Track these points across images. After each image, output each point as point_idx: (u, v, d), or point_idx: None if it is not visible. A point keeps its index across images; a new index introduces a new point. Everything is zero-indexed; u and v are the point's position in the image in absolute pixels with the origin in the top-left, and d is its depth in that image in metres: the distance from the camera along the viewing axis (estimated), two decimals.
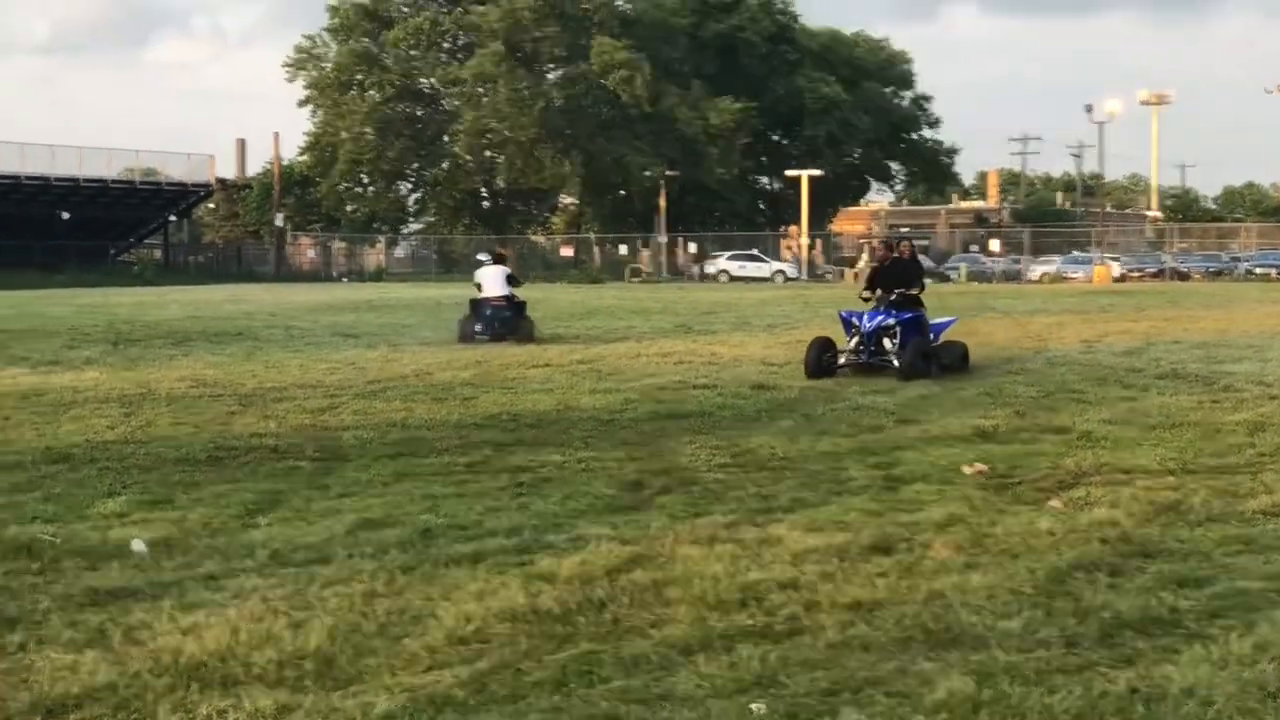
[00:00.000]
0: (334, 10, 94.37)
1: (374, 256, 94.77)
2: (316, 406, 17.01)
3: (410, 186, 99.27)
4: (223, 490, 11.33)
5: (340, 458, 13.05)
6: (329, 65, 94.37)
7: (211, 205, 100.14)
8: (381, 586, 8.13)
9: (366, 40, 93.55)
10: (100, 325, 33.08)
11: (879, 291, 21.69)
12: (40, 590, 8.11)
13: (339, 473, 12.22)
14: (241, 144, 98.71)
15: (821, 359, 20.42)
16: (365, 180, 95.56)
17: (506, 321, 28.40)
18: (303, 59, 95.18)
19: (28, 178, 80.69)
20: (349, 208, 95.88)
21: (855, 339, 21.03)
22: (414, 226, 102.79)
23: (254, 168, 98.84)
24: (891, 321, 20.91)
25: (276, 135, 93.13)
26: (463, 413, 16.45)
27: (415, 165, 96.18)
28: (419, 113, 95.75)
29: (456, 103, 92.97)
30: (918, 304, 21.55)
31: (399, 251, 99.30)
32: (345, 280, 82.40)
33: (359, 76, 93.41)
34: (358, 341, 28.24)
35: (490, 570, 8.52)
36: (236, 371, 21.57)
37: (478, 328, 28.27)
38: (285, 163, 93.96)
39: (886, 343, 20.81)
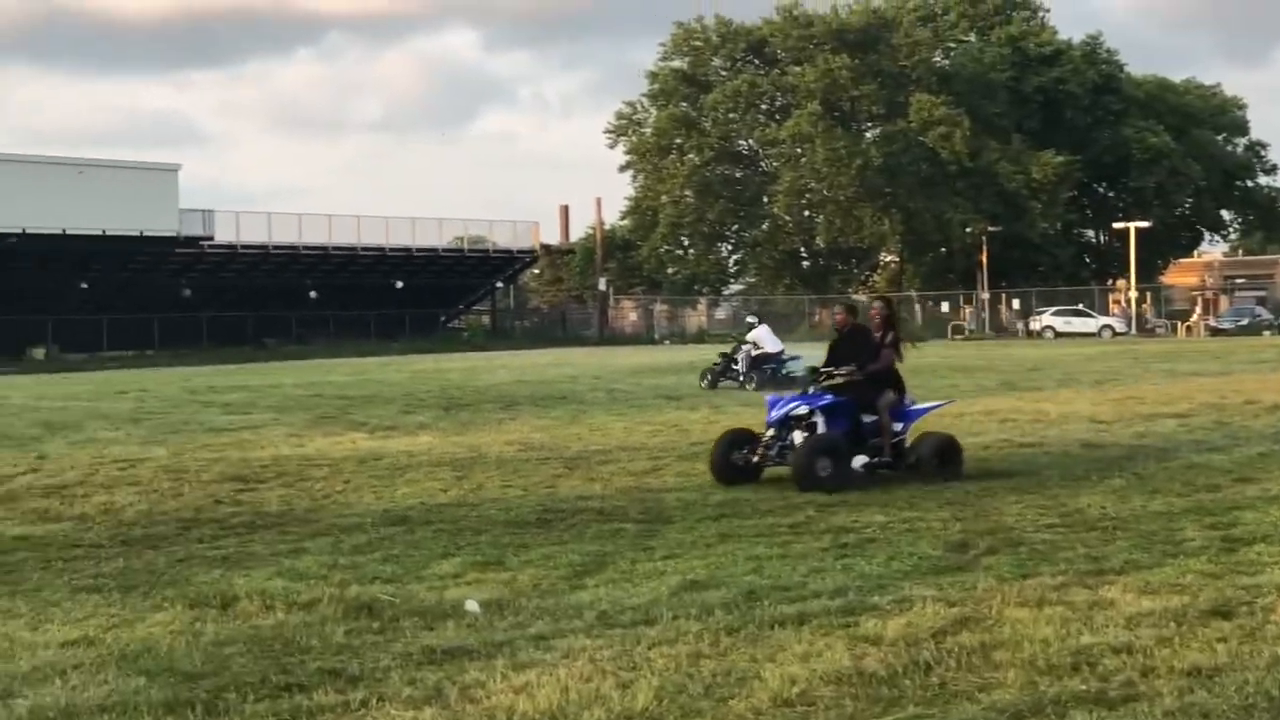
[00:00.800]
0: (653, 76, 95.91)
1: (695, 318, 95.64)
2: (640, 469, 17.22)
3: (730, 248, 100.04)
4: (551, 551, 11.54)
5: (664, 520, 13.17)
6: (649, 130, 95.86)
7: (537, 271, 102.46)
8: (707, 647, 8.17)
9: (685, 105, 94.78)
10: (433, 390, 34.08)
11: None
12: (380, 648, 8.37)
13: (663, 534, 12.34)
14: (565, 210, 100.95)
15: (730, 457, 15.86)
16: (686, 243, 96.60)
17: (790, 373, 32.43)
18: (623, 125, 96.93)
19: (364, 249, 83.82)
20: (670, 270, 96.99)
21: (769, 432, 16.13)
22: (735, 287, 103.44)
23: (577, 233, 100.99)
24: (804, 409, 15.96)
25: (599, 201, 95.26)
26: (785, 474, 16.44)
27: (735, 226, 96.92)
28: (738, 174, 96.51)
29: (775, 163, 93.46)
30: (872, 385, 16.17)
31: (720, 313, 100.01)
32: (667, 342, 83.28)
33: (678, 140, 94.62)
34: (680, 403, 28.51)
35: (815, 631, 8.49)
36: (562, 434, 21.97)
37: (754, 379, 33.86)
38: (607, 227, 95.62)
39: (798, 436, 15.78)
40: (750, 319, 39.22)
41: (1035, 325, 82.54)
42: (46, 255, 71.65)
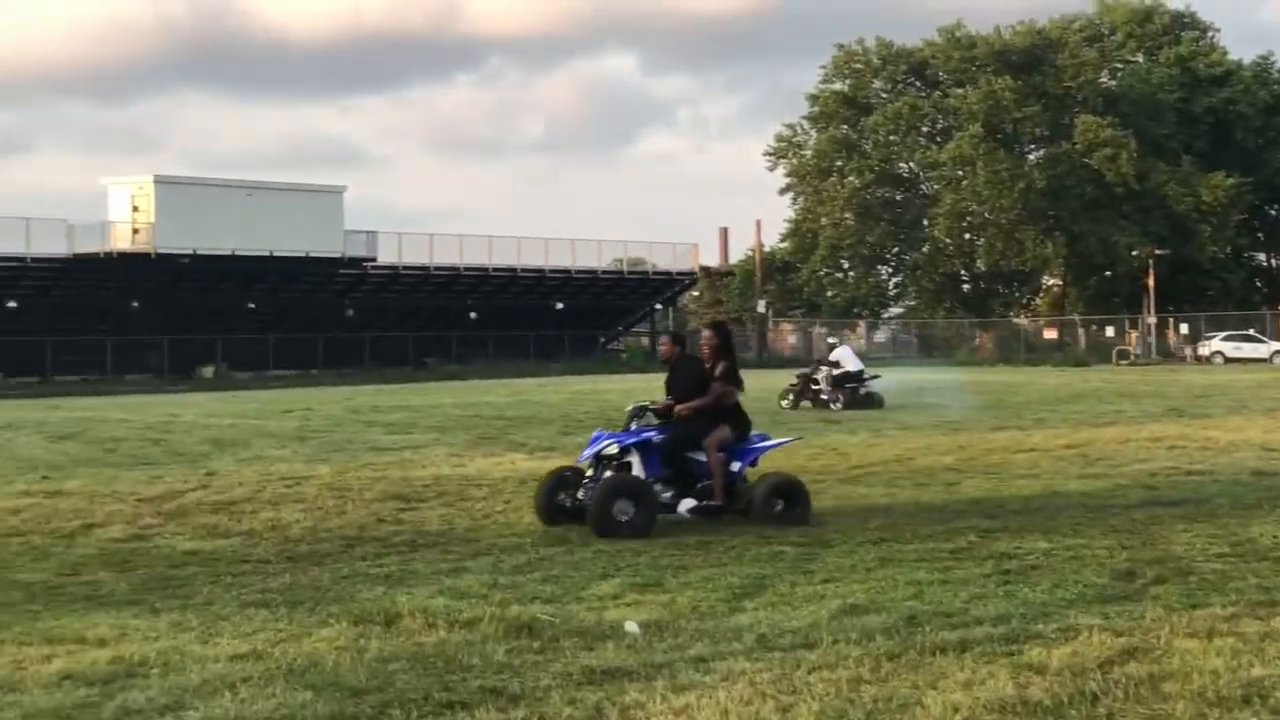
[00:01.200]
0: (814, 99, 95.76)
1: (854, 341, 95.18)
2: None
3: (890, 270, 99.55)
4: (710, 574, 11.53)
5: (823, 543, 13.10)
6: (809, 153, 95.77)
7: (696, 293, 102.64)
8: (867, 673, 8.11)
9: (846, 127, 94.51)
10: (591, 411, 34.26)
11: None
12: (541, 668, 8.42)
13: (822, 558, 12.28)
14: (724, 232, 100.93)
15: (555, 499, 14.61)
16: (845, 265, 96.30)
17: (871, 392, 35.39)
18: (783, 147, 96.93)
19: (524, 270, 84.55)
20: (829, 293, 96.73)
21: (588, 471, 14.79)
22: (894, 311, 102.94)
23: (736, 255, 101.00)
24: (615, 448, 14.46)
25: (758, 223, 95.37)
26: (946, 498, 16.32)
27: (895, 249, 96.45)
28: (898, 197, 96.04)
29: (936, 186, 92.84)
30: (702, 421, 14.58)
31: (879, 336, 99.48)
32: None
33: (839, 163, 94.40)
34: (839, 426, 28.38)
35: (977, 659, 8.39)
36: None
37: (839, 399, 34.85)
38: (766, 249, 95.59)
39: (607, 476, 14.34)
40: (831, 339, 41.43)
41: (1204, 350, 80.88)
42: (217, 276, 73.27)
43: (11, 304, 66.81)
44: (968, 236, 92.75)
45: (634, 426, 14.62)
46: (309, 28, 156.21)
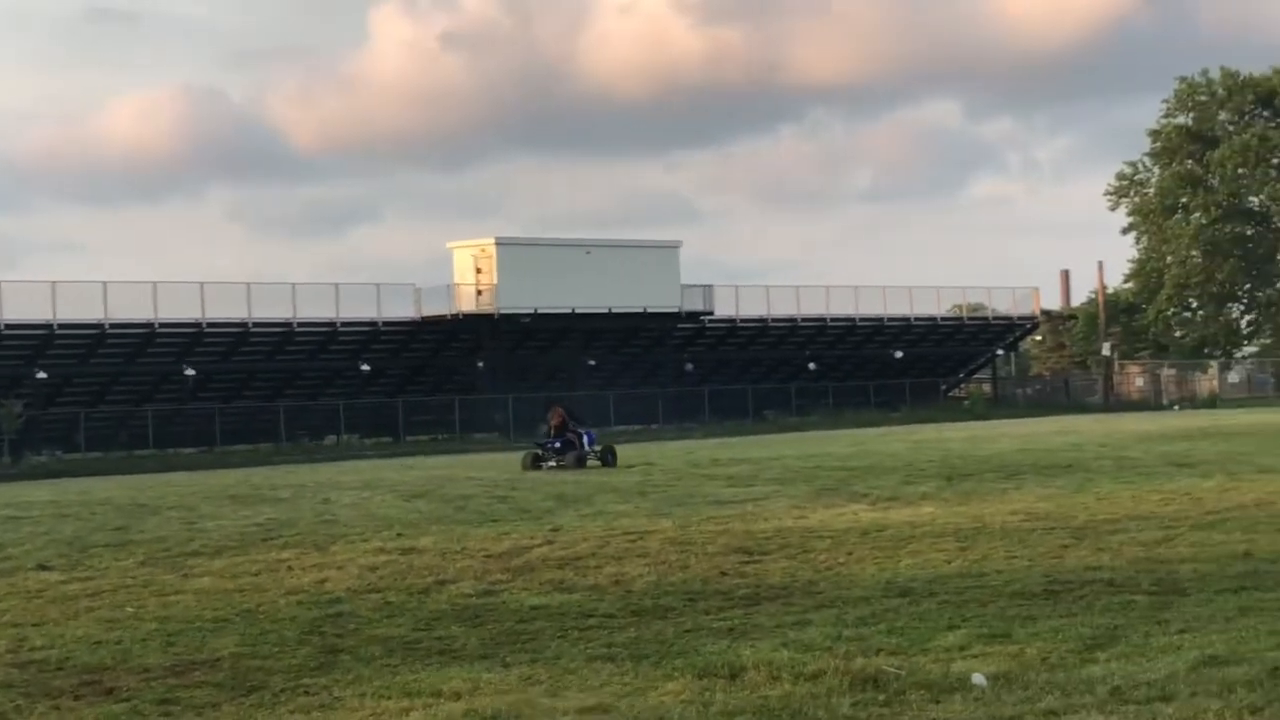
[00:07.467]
0: (1156, 135, 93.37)
1: (1206, 383, 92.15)
2: (1151, 539, 16.63)
3: (1242, 308, 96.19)
4: (1059, 624, 11.26)
5: (1178, 591, 12.68)
6: (1152, 190, 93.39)
7: (1038, 337, 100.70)
8: None
9: (1190, 162, 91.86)
10: (934, 460, 33.85)
11: None
12: None
13: (1177, 607, 11.88)
14: (1065, 275, 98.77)
15: None
16: (1194, 304, 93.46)
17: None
18: (1124, 186, 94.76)
19: (862, 319, 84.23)
20: (1177, 333, 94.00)
21: None
22: (1247, 350, 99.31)
23: (1078, 298, 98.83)
24: None
25: (1100, 264, 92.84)
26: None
27: (1246, 286, 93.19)
28: (1249, 232, 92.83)
29: None
30: None
31: (1233, 376, 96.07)
32: (1176, 408, 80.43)
33: (1183, 199, 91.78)
34: (1192, 471, 27.44)
35: None
36: (1068, 504, 21.45)
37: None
38: (1109, 291, 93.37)
39: None
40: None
41: None
42: (557, 334, 74.89)
43: (365, 367, 69.41)
44: None
45: None
46: (631, 87, 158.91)
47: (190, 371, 64.54)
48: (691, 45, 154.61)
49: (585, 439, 39.55)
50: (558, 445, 38.69)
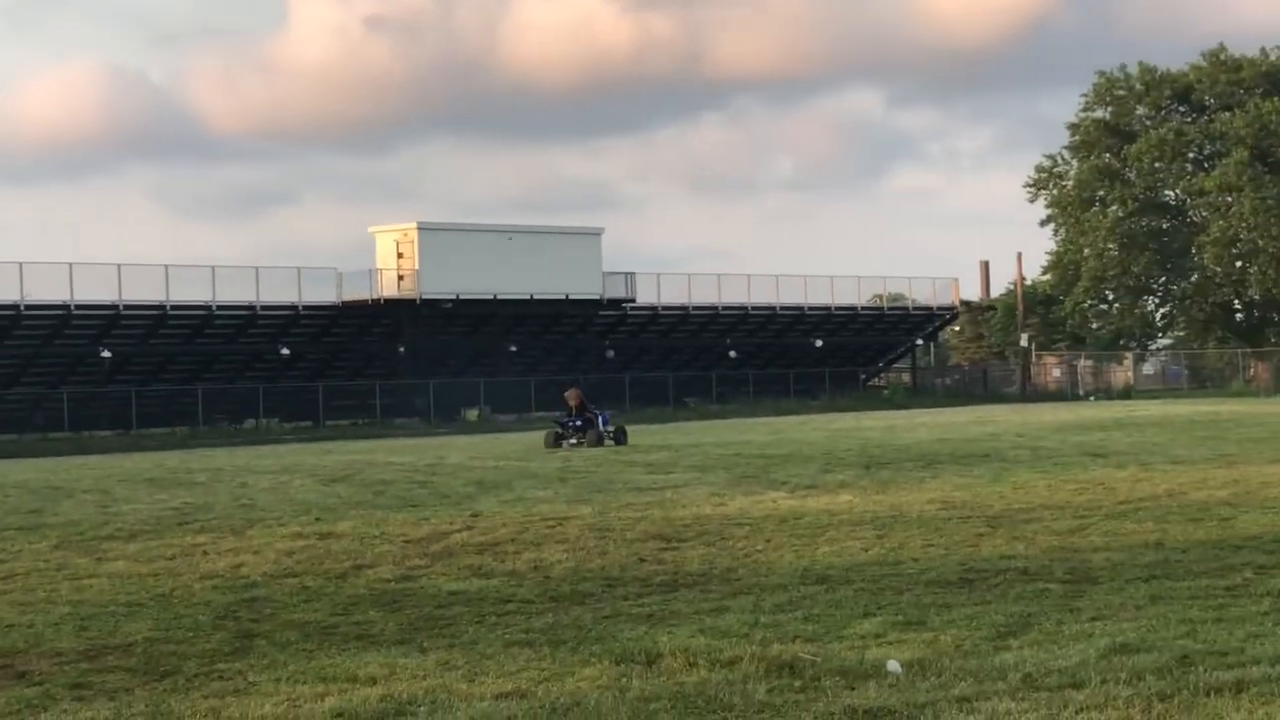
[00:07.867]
0: (1075, 128, 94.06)
1: (1121, 374, 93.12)
2: (1065, 528, 16.81)
3: (1157, 301, 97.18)
4: (973, 612, 11.37)
5: (1091, 580, 12.84)
6: (1070, 183, 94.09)
7: (957, 328, 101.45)
8: (1138, 714, 7.92)
9: (1108, 155, 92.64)
10: (853, 449, 34.04)
11: None
12: (802, 707, 8.39)
13: (1090, 595, 12.02)
14: (985, 266, 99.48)
15: None
16: (1110, 296, 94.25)
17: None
18: (1043, 178, 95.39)
19: (783, 308, 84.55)
20: (1093, 325, 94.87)
21: None
22: (1162, 342, 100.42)
23: (997, 289, 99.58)
24: None
25: (1019, 256, 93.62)
26: (1220, 534, 15.82)
27: (1162, 279, 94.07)
28: (1164, 225, 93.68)
29: (1204, 213, 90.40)
30: None
31: (1147, 368, 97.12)
32: (1092, 399, 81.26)
33: (1101, 192, 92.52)
34: (1106, 461, 27.75)
35: (1254, 700, 8.13)
36: (984, 493, 21.64)
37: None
38: (1028, 282, 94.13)
39: None
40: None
41: None
42: (479, 320, 74.75)
43: (285, 351, 69.04)
44: (1239, 264, 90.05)
45: None
46: (556, 74, 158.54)
47: (107, 354, 63.96)
48: (617, 32, 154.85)
49: (601, 419, 41.27)
50: (579, 424, 40.65)
